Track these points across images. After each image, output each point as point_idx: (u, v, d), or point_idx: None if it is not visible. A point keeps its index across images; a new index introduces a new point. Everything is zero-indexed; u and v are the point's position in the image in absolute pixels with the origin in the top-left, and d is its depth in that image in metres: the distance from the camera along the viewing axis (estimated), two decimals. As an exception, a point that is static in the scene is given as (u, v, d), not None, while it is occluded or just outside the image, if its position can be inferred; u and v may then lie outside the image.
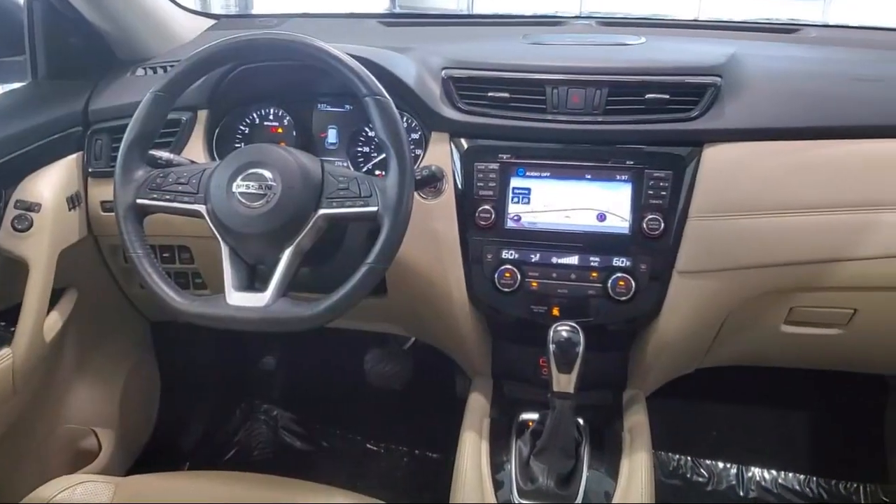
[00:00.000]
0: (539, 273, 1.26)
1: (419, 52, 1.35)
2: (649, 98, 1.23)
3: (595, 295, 1.25)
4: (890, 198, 1.19)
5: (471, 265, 1.28)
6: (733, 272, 1.23)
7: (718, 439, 2.02)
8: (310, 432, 2.13)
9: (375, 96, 1.07)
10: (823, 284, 1.25)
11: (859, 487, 1.90)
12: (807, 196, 1.20)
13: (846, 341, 1.35)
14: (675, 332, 1.28)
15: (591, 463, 1.22)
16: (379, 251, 1.04)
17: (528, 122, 1.25)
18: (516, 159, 1.26)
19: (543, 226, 1.26)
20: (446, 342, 1.51)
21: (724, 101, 1.23)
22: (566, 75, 1.26)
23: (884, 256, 1.20)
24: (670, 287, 1.24)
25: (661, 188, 1.22)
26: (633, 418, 1.34)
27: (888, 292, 1.25)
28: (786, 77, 1.29)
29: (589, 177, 1.24)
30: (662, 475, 1.96)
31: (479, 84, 1.28)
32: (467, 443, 1.26)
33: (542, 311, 1.27)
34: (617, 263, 1.24)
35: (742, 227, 1.21)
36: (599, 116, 1.24)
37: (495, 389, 1.44)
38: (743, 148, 1.21)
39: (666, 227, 1.21)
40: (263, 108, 1.40)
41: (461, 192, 1.27)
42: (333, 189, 1.07)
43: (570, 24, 1.63)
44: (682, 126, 1.22)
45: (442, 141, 1.29)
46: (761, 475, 1.96)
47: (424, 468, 2.01)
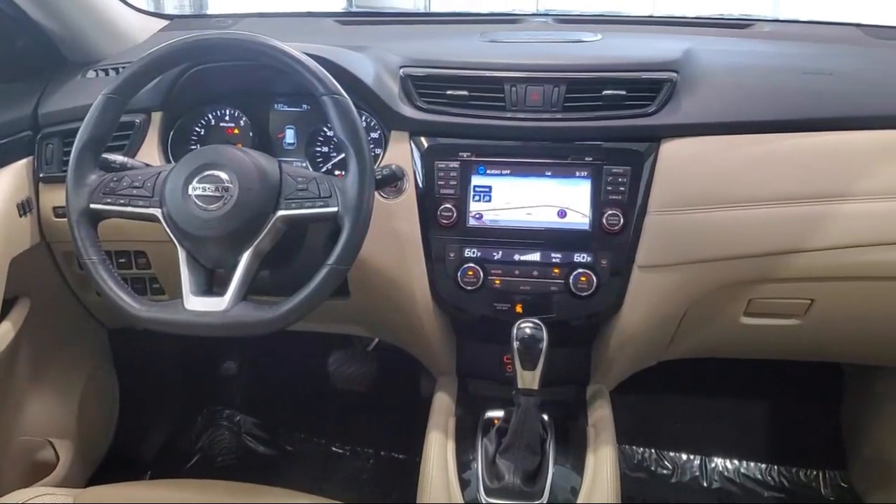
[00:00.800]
0: (501, 270, 1.26)
1: (377, 51, 1.35)
2: (606, 94, 1.24)
3: (557, 291, 1.25)
4: (842, 189, 1.21)
5: (433, 264, 1.27)
6: (692, 266, 1.25)
7: (682, 431, 2.04)
8: (274, 437, 2.11)
9: (333, 95, 1.06)
10: (781, 276, 1.27)
11: (819, 475, 1.94)
12: (762, 189, 1.22)
13: (804, 331, 1.38)
14: (636, 325, 1.30)
15: (556, 459, 1.23)
16: (340, 252, 1.03)
17: (487, 120, 1.25)
18: (477, 157, 1.26)
19: (505, 223, 1.26)
20: (410, 342, 1.51)
21: (680, 96, 1.24)
22: (524, 73, 1.26)
23: (838, 247, 1.23)
24: (631, 282, 1.25)
25: (619, 184, 1.22)
26: (597, 413, 1.34)
27: (843, 282, 1.27)
28: (740, 72, 1.31)
29: (549, 174, 1.25)
30: (627, 468, 1.98)
31: (438, 82, 1.28)
32: (433, 443, 1.26)
33: (505, 308, 1.27)
34: (578, 259, 1.24)
35: (700, 221, 1.22)
36: (558, 113, 1.24)
37: (460, 388, 1.44)
38: (699, 142, 1.23)
39: (625, 222, 1.22)
40: (219, 109, 1.38)
41: (422, 190, 1.26)
42: (292, 190, 1.06)
43: (527, 22, 1.64)
44: (640, 122, 1.23)
45: (402, 140, 1.28)
46: (724, 465, 1.99)
47: (391, 469, 2.00)
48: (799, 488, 1.93)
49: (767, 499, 1.92)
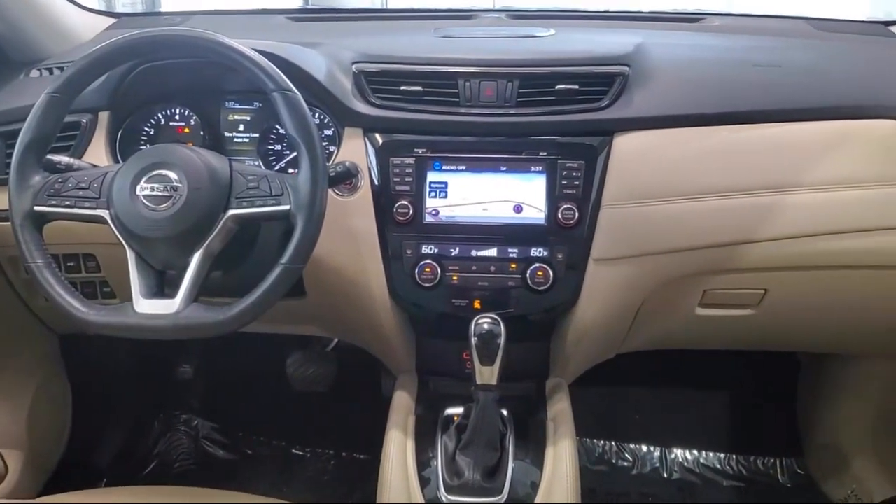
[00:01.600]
0: (459, 267, 1.26)
1: (329, 47, 1.33)
2: (560, 89, 1.24)
3: (515, 286, 1.25)
4: (793, 179, 1.23)
5: (390, 261, 1.27)
6: (647, 258, 1.26)
7: (641, 423, 2.06)
8: (232, 441, 2.08)
9: (283, 91, 1.04)
10: (734, 266, 1.29)
11: (776, 462, 1.97)
12: (714, 181, 1.23)
13: (758, 321, 1.39)
14: (593, 319, 1.30)
15: (516, 454, 1.23)
16: (293, 251, 1.01)
17: (442, 116, 1.25)
18: (432, 153, 1.25)
19: (461, 219, 1.25)
20: (369, 341, 1.50)
21: (633, 90, 1.25)
22: (478, 68, 1.26)
23: (790, 237, 1.24)
24: (587, 275, 1.26)
25: (574, 178, 1.23)
26: (556, 407, 1.35)
27: (795, 272, 1.29)
28: (691, 65, 1.33)
29: (504, 169, 1.25)
30: (588, 462, 2.00)
31: (391, 78, 1.27)
32: (392, 442, 1.25)
33: (463, 304, 1.27)
34: (535, 254, 1.24)
35: (654, 214, 1.23)
36: (512, 108, 1.24)
37: (420, 386, 1.43)
38: (652, 136, 1.24)
39: (580, 216, 1.22)
40: (168, 108, 1.35)
41: (378, 187, 1.25)
42: (243, 188, 1.04)
43: (481, 18, 1.64)
44: (593, 116, 1.23)
45: (356, 136, 1.27)
46: (683, 456, 2.01)
47: (352, 470, 1.99)
48: (757, 476, 1.96)
49: (726, 488, 1.95)
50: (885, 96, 1.27)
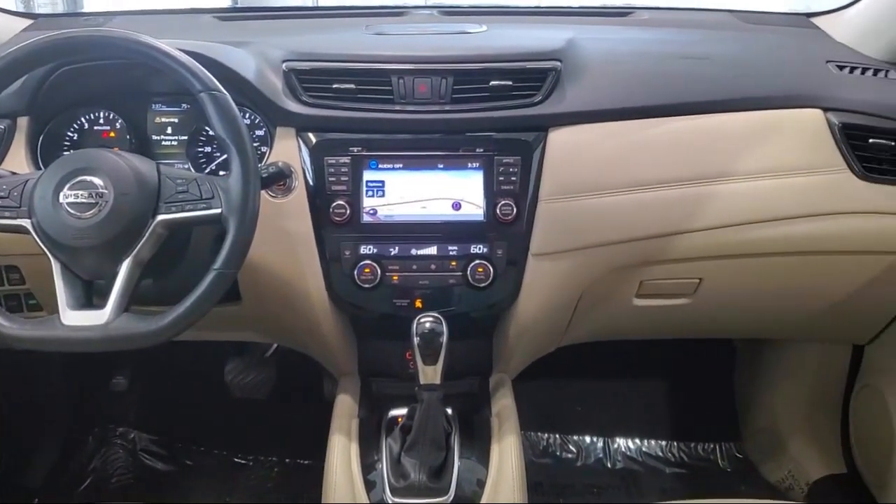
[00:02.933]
0: (399, 266, 1.24)
1: (258, 46, 1.30)
2: (494, 85, 1.24)
3: (456, 284, 1.25)
4: (723, 169, 1.26)
5: (328, 263, 1.24)
6: (584, 251, 1.27)
7: (584, 414, 2.08)
8: (172, 452, 2.03)
9: (211, 92, 1.02)
10: (669, 257, 1.31)
11: (716, 448, 2.02)
12: (648, 173, 1.25)
13: (694, 309, 1.42)
14: (534, 313, 1.30)
15: (462, 452, 1.22)
16: (226, 255, 0.99)
17: (376, 114, 1.23)
18: (368, 152, 1.24)
19: (400, 218, 1.24)
20: (309, 345, 1.47)
21: (565, 85, 1.26)
22: (411, 65, 1.25)
23: (723, 226, 1.27)
24: (527, 270, 1.26)
25: (510, 174, 1.23)
26: (500, 402, 1.35)
27: (728, 260, 1.32)
28: (621, 59, 1.34)
29: (441, 166, 1.24)
30: (533, 455, 2.01)
31: (323, 76, 1.25)
32: (336, 446, 1.23)
33: (404, 304, 1.26)
34: (475, 251, 1.24)
35: (589, 207, 1.24)
36: (447, 105, 1.24)
37: (363, 388, 1.41)
38: (585, 130, 1.25)
39: (518, 211, 1.23)
40: (92, 111, 1.30)
41: (313, 188, 1.23)
42: (172, 192, 1.01)
43: (413, 14, 1.62)
44: (527, 111, 1.24)
45: (288, 136, 1.25)
46: (626, 445, 2.04)
47: (296, 476, 1.96)
48: (698, 462, 2.00)
49: (669, 475, 1.98)
50: (809, 86, 1.31)
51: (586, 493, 1.92)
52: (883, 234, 1.29)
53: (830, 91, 1.30)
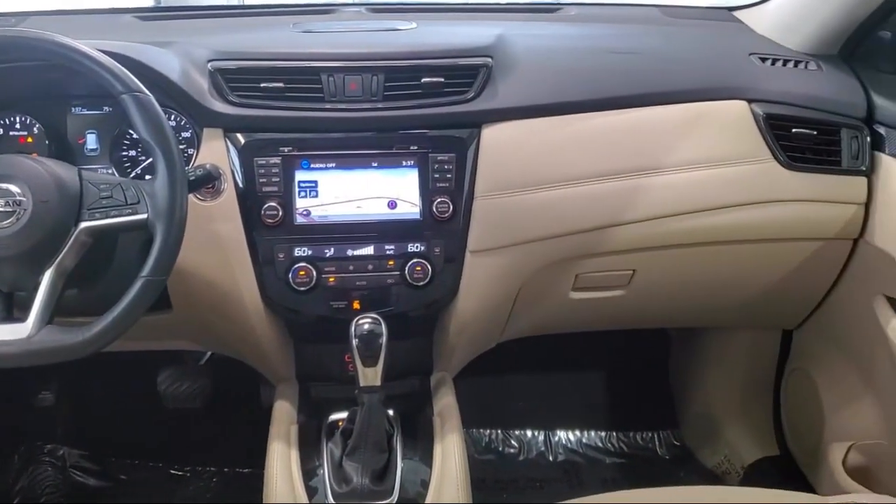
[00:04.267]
0: (335, 267, 1.22)
1: (182, 46, 1.26)
2: (426, 82, 1.23)
3: (394, 283, 1.23)
4: (654, 162, 1.28)
5: (262, 267, 1.22)
6: (521, 246, 1.27)
7: (525, 409, 2.09)
8: (104, 467, 1.96)
9: (133, 93, 0.98)
10: (603, 250, 1.32)
11: (654, 436, 2.05)
12: (580, 167, 1.26)
13: (628, 301, 1.44)
14: (473, 310, 1.30)
15: (404, 453, 1.21)
16: (154, 262, 0.95)
17: (306, 112, 1.21)
18: (299, 151, 1.21)
19: (335, 218, 1.22)
20: (244, 351, 1.44)
21: (497, 81, 1.26)
22: (341, 62, 1.23)
23: (655, 217, 1.29)
24: (465, 267, 1.25)
25: (446, 171, 1.22)
26: (442, 401, 1.34)
27: (661, 251, 1.34)
28: (551, 55, 1.35)
29: (376, 164, 1.23)
30: (476, 452, 2.01)
31: (250, 75, 1.22)
32: (275, 453, 1.21)
33: (342, 306, 1.24)
34: (412, 249, 1.23)
35: (525, 203, 1.24)
36: (379, 102, 1.22)
37: (302, 393, 1.39)
38: (518, 126, 1.25)
39: (454, 209, 1.22)
40: (7, 116, 1.24)
41: (243, 190, 1.20)
42: (95, 199, 0.98)
43: (341, 12, 1.60)
44: (460, 108, 1.23)
45: (216, 137, 1.21)
46: (567, 438, 2.06)
47: (236, 485, 1.92)
48: (637, 451, 2.03)
49: (609, 465, 2.01)
50: (733, 78, 1.34)
51: (529, 488, 1.93)
52: (807, 221, 1.33)
53: (754, 83, 1.33)
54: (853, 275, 1.41)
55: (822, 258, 1.39)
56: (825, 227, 1.34)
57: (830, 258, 1.40)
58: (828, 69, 1.39)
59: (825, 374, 1.60)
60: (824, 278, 1.46)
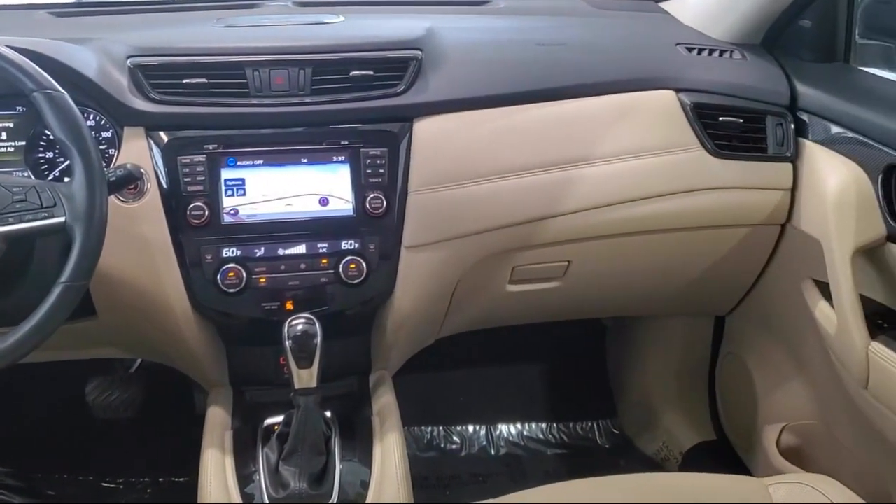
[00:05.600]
0: (266, 268, 1.19)
1: (99, 42, 1.22)
2: (355, 75, 1.21)
3: (328, 282, 1.21)
4: (586, 153, 1.28)
5: (189, 269, 1.18)
6: (457, 241, 1.26)
7: (466, 404, 2.09)
8: (31, 484, 1.87)
9: (46, 91, 0.94)
10: (539, 242, 1.32)
11: (593, 426, 2.07)
12: (513, 160, 1.26)
13: (564, 292, 1.44)
14: (410, 307, 1.29)
15: (343, 455, 1.19)
16: (74, 267, 0.91)
17: (231, 108, 1.18)
18: (225, 149, 1.18)
19: (264, 217, 1.19)
20: (174, 357, 1.39)
21: (427, 74, 1.25)
22: (266, 56, 1.20)
23: (588, 208, 1.30)
24: (400, 263, 1.24)
25: (378, 166, 1.20)
26: (381, 400, 1.32)
27: (595, 241, 1.35)
28: (481, 47, 1.35)
29: (305, 161, 1.20)
30: (417, 450, 1.99)
31: (172, 71, 1.18)
32: (209, 460, 1.17)
33: (274, 307, 1.21)
34: (345, 247, 1.21)
35: (459, 197, 1.24)
36: (307, 97, 1.20)
37: (236, 398, 1.35)
38: (450, 119, 1.24)
39: (388, 204, 1.20)
40: None
41: (167, 190, 1.16)
42: (8, 203, 0.93)
43: (266, 6, 1.57)
44: (390, 102, 1.22)
45: (137, 136, 1.17)
46: (508, 431, 2.06)
47: (171, 495, 1.86)
48: (578, 441, 2.05)
49: (550, 456, 2.02)
50: (661, 68, 1.35)
51: (471, 483, 1.93)
52: (736, 207, 1.36)
53: (681, 72, 1.35)
54: (781, 260, 1.44)
55: (752, 244, 1.42)
56: (753, 213, 1.36)
57: (759, 244, 1.43)
58: (751, 58, 1.41)
59: (757, 358, 1.64)
60: (754, 264, 1.48)
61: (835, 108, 1.26)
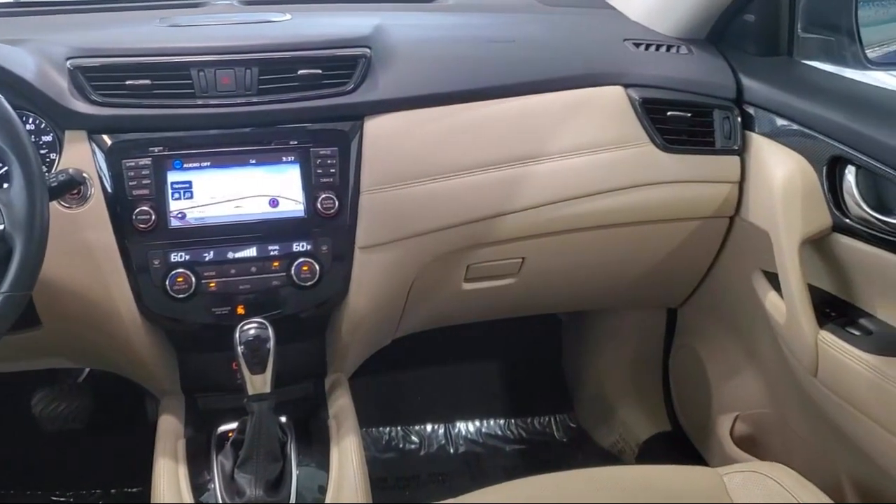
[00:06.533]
0: (216, 272, 1.17)
1: (37, 43, 1.18)
2: (302, 74, 1.19)
3: (280, 285, 1.19)
4: (539, 149, 1.28)
5: (136, 275, 1.15)
6: (411, 240, 1.25)
7: (424, 403, 2.08)
8: (-24, 501, 1.82)
9: None
10: (493, 239, 1.32)
11: (551, 420, 2.08)
12: (466, 157, 1.26)
13: (520, 288, 1.45)
14: (365, 308, 1.27)
15: (300, 460, 1.17)
16: (14, 276, 0.88)
17: (176, 110, 1.15)
18: (171, 151, 1.15)
19: (213, 220, 1.16)
20: (123, 365, 1.36)
21: (377, 72, 1.24)
22: (212, 56, 1.18)
23: (541, 205, 1.30)
24: (354, 264, 1.23)
25: (329, 166, 1.19)
26: (337, 403, 1.31)
27: (549, 237, 1.35)
28: (431, 45, 1.34)
29: (254, 162, 1.18)
30: (376, 451, 1.98)
31: (114, 72, 1.15)
32: (162, 470, 1.14)
33: (225, 311, 1.18)
34: (297, 249, 1.19)
35: (413, 195, 1.23)
36: (254, 97, 1.18)
37: (188, 406, 1.32)
38: (401, 117, 1.23)
39: (340, 204, 1.19)
40: None
41: (111, 195, 1.13)
42: None
43: (211, 5, 1.54)
44: (339, 100, 1.20)
45: (80, 140, 1.13)
46: (466, 429, 2.06)
47: (125, 507, 1.82)
48: (535, 436, 2.06)
49: (509, 452, 2.02)
50: (609, 64, 1.36)
51: (431, 482, 1.92)
52: (686, 201, 1.37)
53: (629, 68, 1.36)
54: (731, 251, 1.46)
55: (702, 237, 1.44)
56: (703, 206, 1.38)
57: (709, 236, 1.45)
58: (698, 53, 1.43)
59: (710, 349, 1.67)
60: (704, 256, 1.50)
61: (780, 101, 1.28)
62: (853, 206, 1.14)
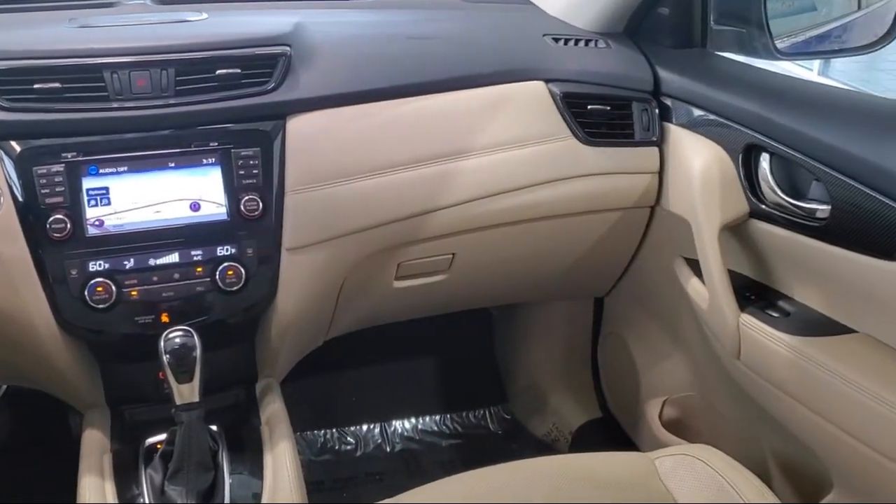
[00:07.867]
0: (137, 280, 1.13)
1: None
2: (221, 74, 1.16)
3: (205, 290, 1.16)
4: (463, 146, 1.29)
5: (53, 286, 1.10)
6: (339, 240, 1.24)
7: (359, 403, 2.07)
8: None
9: None
10: (422, 236, 1.32)
11: (485, 413, 2.10)
12: (391, 155, 1.25)
13: (450, 284, 1.45)
14: (295, 310, 1.26)
15: (232, 468, 1.15)
16: None
17: (89, 114, 1.11)
18: (85, 157, 1.11)
19: (132, 226, 1.13)
20: (42, 380, 1.31)
21: (298, 70, 1.22)
22: (125, 57, 1.14)
23: (468, 200, 1.31)
24: (281, 267, 1.21)
25: (251, 167, 1.17)
26: (269, 408, 1.29)
27: (476, 233, 1.36)
28: (350, 42, 1.33)
29: (173, 165, 1.15)
30: (312, 454, 1.96)
31: (21, 76, 1.10)
32: (87, 487, 1.11)
33: (149, 320, 1.15)
34: (221, 253, 1.16)
35: (339, 194, 1.22)
36: (171, 98, 1.14)
37: (114, 418, 1.28)
38: (324, 116, 1.22)
39: (265, 206, 1.17)
40: None
41: (23, 204, 1.08)
42: None
43: (123, 5, 1.49)
44: (260, 100, 1.18)
45: None
46: (403, 426, 2.06)
47: (50, 527, 1.75)
48: (471, 430, 2.07)
49: (445, 447, 2.03)
50: (530, 59, 1.38)
51: (369, 483, 1.91)
52: (608, 192, 1.40)
53: (549, 63, 1.38)
54: (653, 240, 1.50)
55: (624, 227, 1.47)
56: (624, 197, 1.40)
57: (632, 227, 1.48)
58: (615, 46, 1.46)
59: (636, 336, 1.70)
60: (627, 246, 1.54)
61: (695, 92, 1.32)
62: (769, 192, 1.18)
